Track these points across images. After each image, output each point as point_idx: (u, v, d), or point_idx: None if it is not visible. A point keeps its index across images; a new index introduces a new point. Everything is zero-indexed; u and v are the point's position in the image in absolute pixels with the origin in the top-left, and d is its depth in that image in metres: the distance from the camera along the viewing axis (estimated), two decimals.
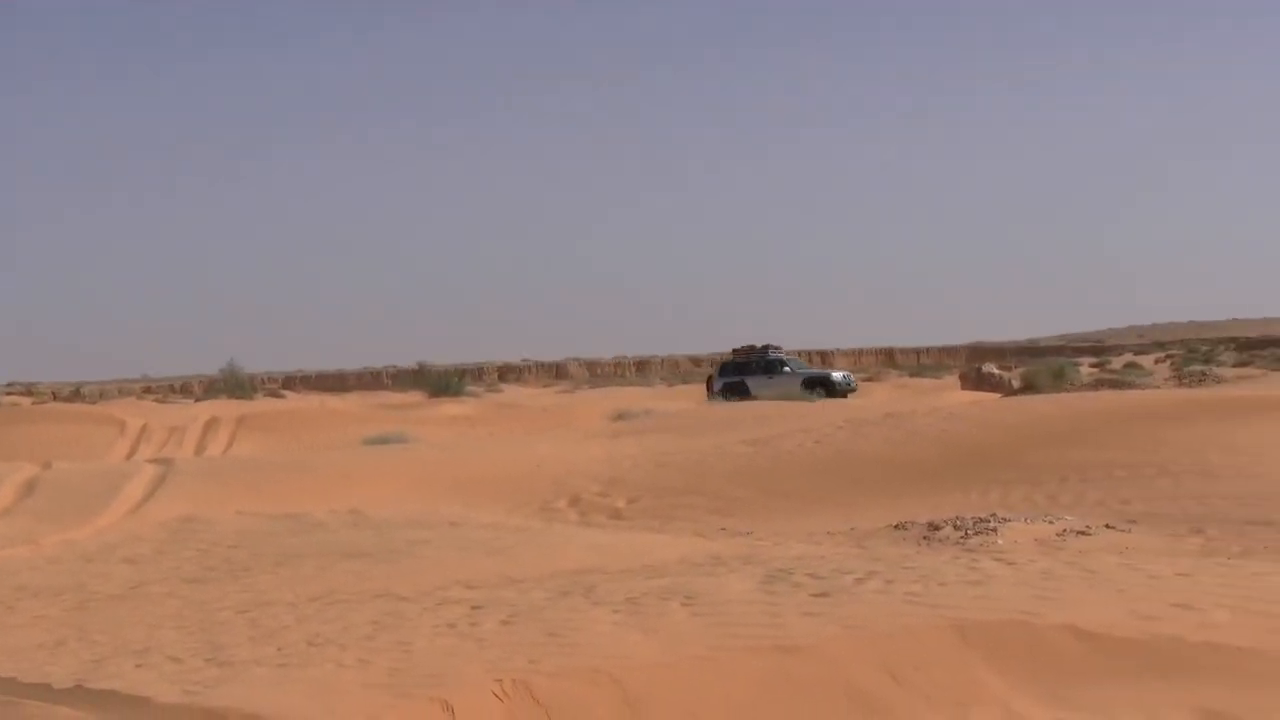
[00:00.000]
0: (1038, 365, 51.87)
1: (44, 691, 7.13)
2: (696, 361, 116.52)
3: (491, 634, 7.85)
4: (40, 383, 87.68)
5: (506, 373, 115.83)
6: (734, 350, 43.37)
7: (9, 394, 74.06)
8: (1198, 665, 7.12)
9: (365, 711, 6.25)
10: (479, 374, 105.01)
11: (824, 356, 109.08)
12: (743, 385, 40.19)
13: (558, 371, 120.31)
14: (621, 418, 33.45)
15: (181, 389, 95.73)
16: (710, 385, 42.76)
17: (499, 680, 6.59)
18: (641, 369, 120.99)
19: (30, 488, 18.98)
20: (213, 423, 39.93)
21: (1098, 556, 10.86)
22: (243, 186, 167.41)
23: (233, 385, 55.08)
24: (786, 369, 41.12)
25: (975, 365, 54.45)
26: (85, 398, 71.06)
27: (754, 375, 40.74)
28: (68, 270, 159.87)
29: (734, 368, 41.87)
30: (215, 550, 13.78)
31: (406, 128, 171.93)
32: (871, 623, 7.64)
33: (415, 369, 76.31)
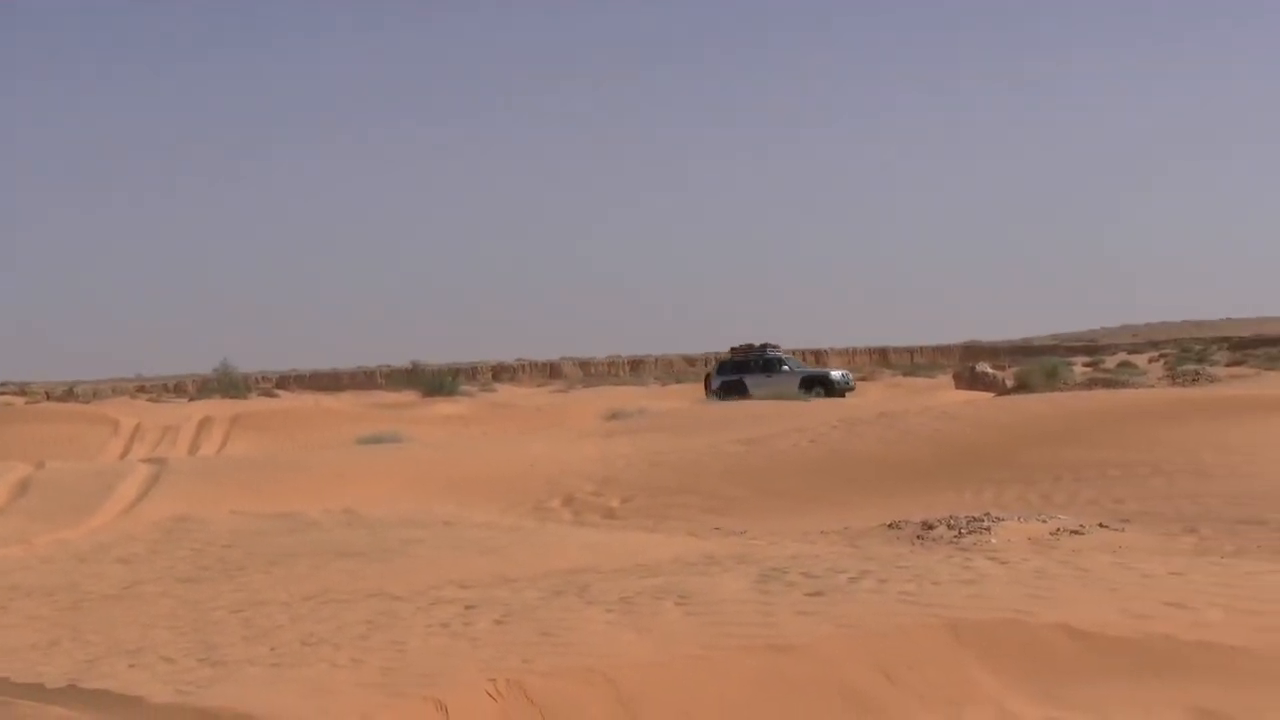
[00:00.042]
0: (1031, 364, 51.88)
1: (37, 691, 7.13)
2: (690, 361, 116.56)
3: (485, 633, 7.85)
4: (33, 382, 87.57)
5: (500, 372, 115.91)
6: (732, 349, 43.28)
7: (2, 393, 73.93)
8: (1191, 664, 7.13)
9: (359, 711, 6.25)
10: (473, 373, 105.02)
11: (818, 356, 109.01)
12: (741, 384, 40.17)
13: (551, 371, 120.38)
14: (615, 417, 33.43)
15: (175, 388, 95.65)
16: (708, 384, 42.69)
17: (493, 680, 6.59)
18: (635, 368, 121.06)
19: (23, 487, 18.96)
20: (206, 422, 39.89)
21: (1091, 555, 10.87)
22: (236, 186, 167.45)
23: (226, 384, 55.07)
24: (785, 367, 41.12)
25: (969, 364, 54.53)
26: (79, 397, 70.89)
27: (752, 374, 40.72)
28: (61, 270, 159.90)
29: (732, 366, 41.80)
30: (209, 550, 13.77)
31: (399, 127, 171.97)
32: (865, 622, 7.65)
33: (409, 368, 76.38)
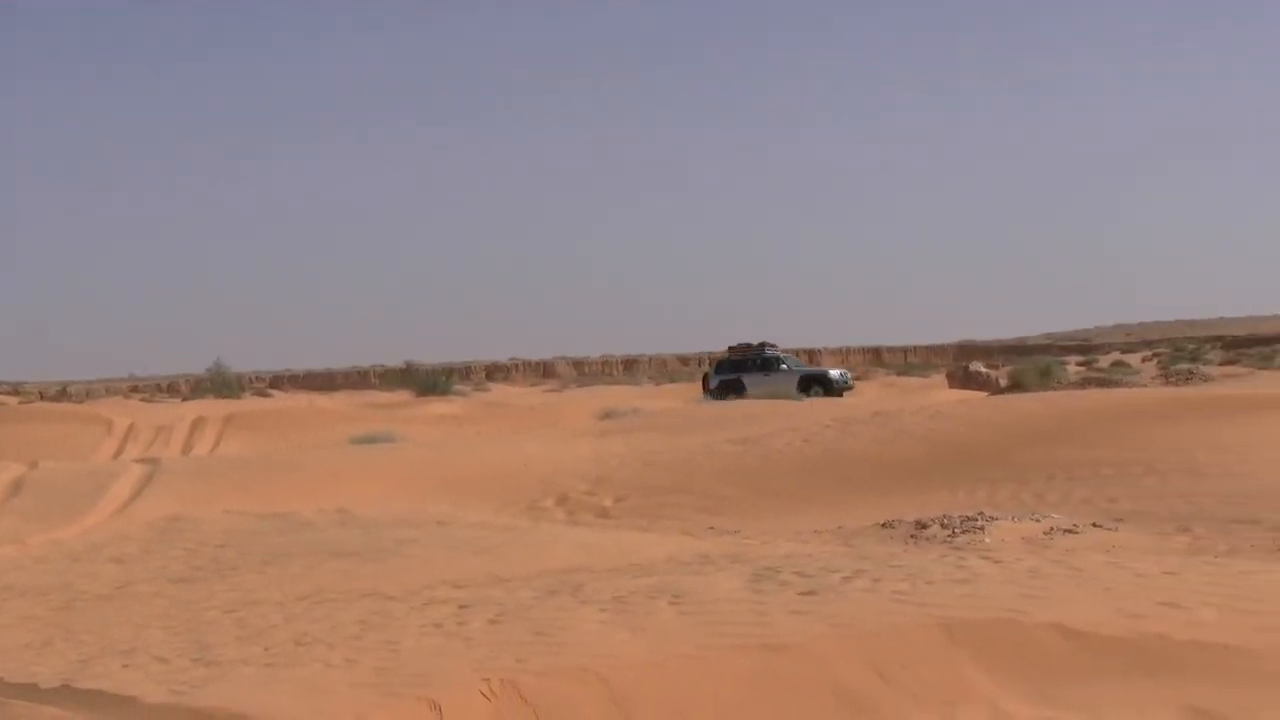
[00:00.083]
0: (1025, 364, 52.00)
1: (31, 691, 7.11)
2: (684, 360, 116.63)
3: (479, 633, 7.85)
4: (27, 382, 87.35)
5: (494, 372, 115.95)
6: (730, 348, 43.12)
7: None
8: (1184, 663, 7.14)
9: (353, 711, 6.24)
10: (466, 373, 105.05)
11: (811, 355, 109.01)
12: (739, 383, 40.12)
13: (545, 370, 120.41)
14: (609, 416, 33.44)
15: (168, 388, 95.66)
16: (706, 383, 42.59)
17: (486, 679, 6.58)
18: (629, 368, 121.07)
19: (17, 487, 18.93)
20: (200, 422, 39.84)
21: (1085, 555, 10.87)
22: (229, 186, 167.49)
23: (220, 384, 54.99)
24: (784, 366, 41.07)
25: (962, 364, 54.64)
26: (72, 397, 70.75)
27: (751, 373, 40.65)
28: (55, 270, 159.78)
29: (731, 365, 41.70)
30: (202, 550, 13.75)
31: (392, 127, 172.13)
32: (859, 621, 7.65)
33: (403, 368, 76.23)
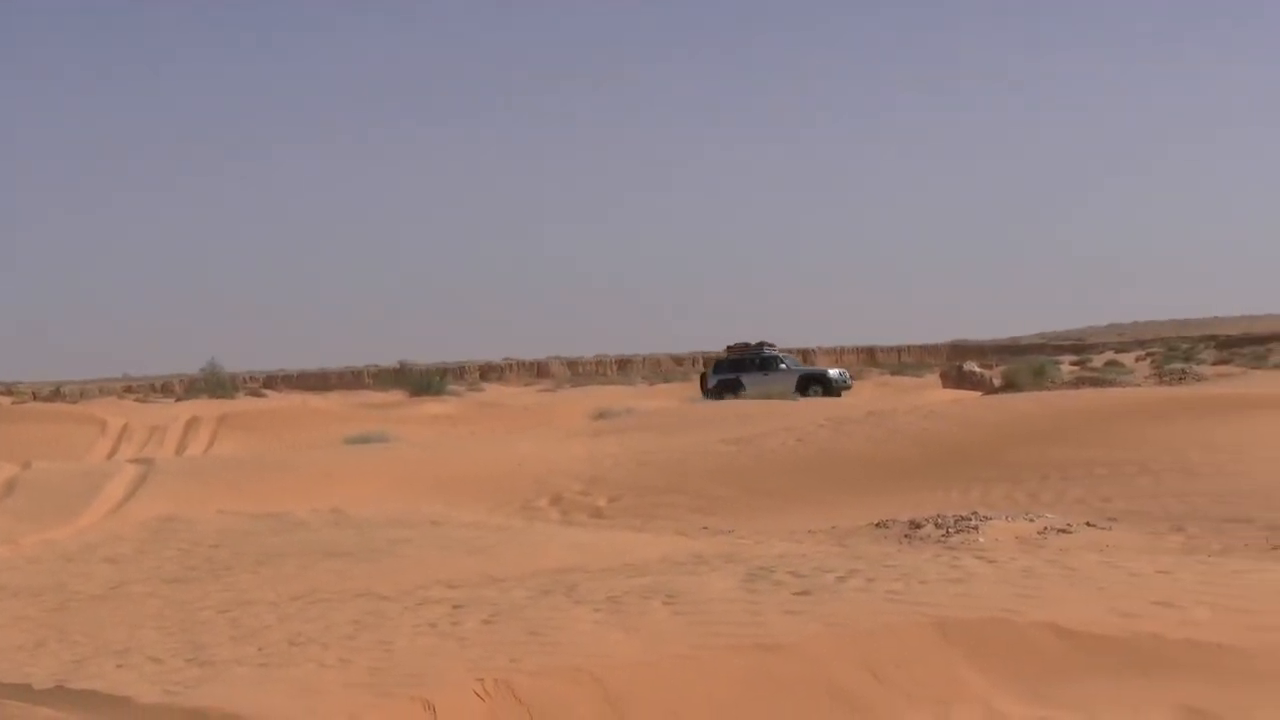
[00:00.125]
0: (1018, 363, 52.09)
1: (24, 692, 7.10)
2: (678, 360, 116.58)
3: (473, 633, 7.84)
4: (20, 382, 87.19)
5: (488, 371, 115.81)
6: (728, 347, 43.07)
7: None
8: (1178, 663, 7.14)
9: (346, 711, 6.24)
10: (460, 373, 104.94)
11: (805, 355, 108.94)
12: (738, 382, 40.09)
13: (539, 370, 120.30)
14: (603, 416, 33.42)
15: (162, 388, 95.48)
16: (704, 382, 42.52)
17: (480, 679, 6.58)
18: (623, 368, 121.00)
19: (10, 487, 18.91)
20: (194, 422, 39.82)
21: (1078, 554, 10.89)
22: (224, 186, 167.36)
23: (214, 384, 55.02)
24: (782, 366, 41.05)
25: (956, 363, 54.69)
26: (66, 397, 70.61)
27: (749, 372, 40.61)
28: (49, 270, 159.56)
29: (729, 365, 41.67)
30: (196, 550, 13.75)
31: (386, 128, 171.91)
32: (853, 621, 7.65)
33: (397, 368, 76.31)
